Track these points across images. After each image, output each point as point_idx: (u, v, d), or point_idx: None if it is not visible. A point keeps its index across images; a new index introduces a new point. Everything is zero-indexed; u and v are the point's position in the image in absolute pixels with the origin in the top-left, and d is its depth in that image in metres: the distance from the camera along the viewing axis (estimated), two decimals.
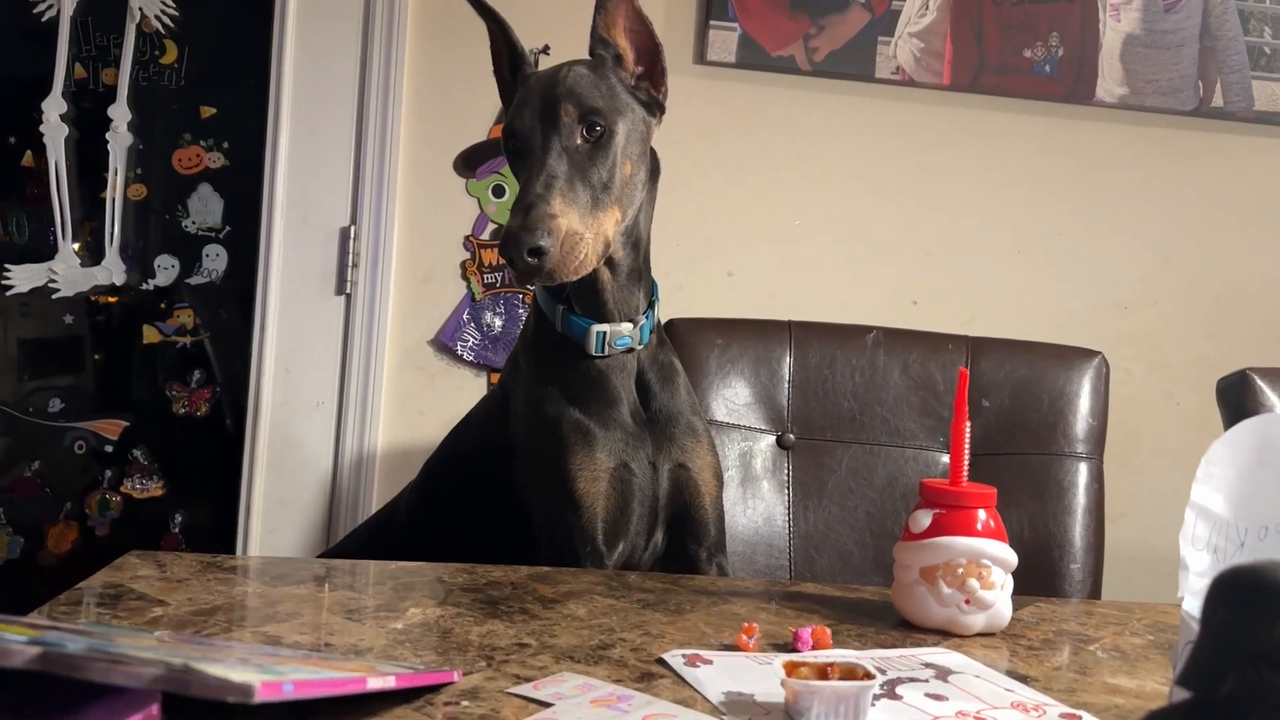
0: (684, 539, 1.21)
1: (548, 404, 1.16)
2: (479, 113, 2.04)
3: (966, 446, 0.97)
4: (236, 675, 0.41)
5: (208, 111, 2.15)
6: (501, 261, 2.04)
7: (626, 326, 1.18)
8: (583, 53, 1.18)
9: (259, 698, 0.40)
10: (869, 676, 0.69)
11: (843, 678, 0.69)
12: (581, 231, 1.05)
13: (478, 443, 1.29)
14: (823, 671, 0.70)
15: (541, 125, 1.08)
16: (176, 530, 2.14)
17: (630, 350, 1.19)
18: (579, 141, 1.08)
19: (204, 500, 2.14)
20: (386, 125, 2.00)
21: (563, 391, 1.17)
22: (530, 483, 1.18)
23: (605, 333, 1.17)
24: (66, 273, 2.11)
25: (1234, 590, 0.45)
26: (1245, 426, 0.73)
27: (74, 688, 0.45)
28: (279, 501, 2.03)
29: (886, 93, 2.12)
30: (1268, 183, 2.22)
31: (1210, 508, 0.72)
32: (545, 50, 2.00)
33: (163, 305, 2.13)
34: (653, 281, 1.23)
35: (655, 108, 1.18)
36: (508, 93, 1.21)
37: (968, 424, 0.97)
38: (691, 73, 2.05)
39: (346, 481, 2.02)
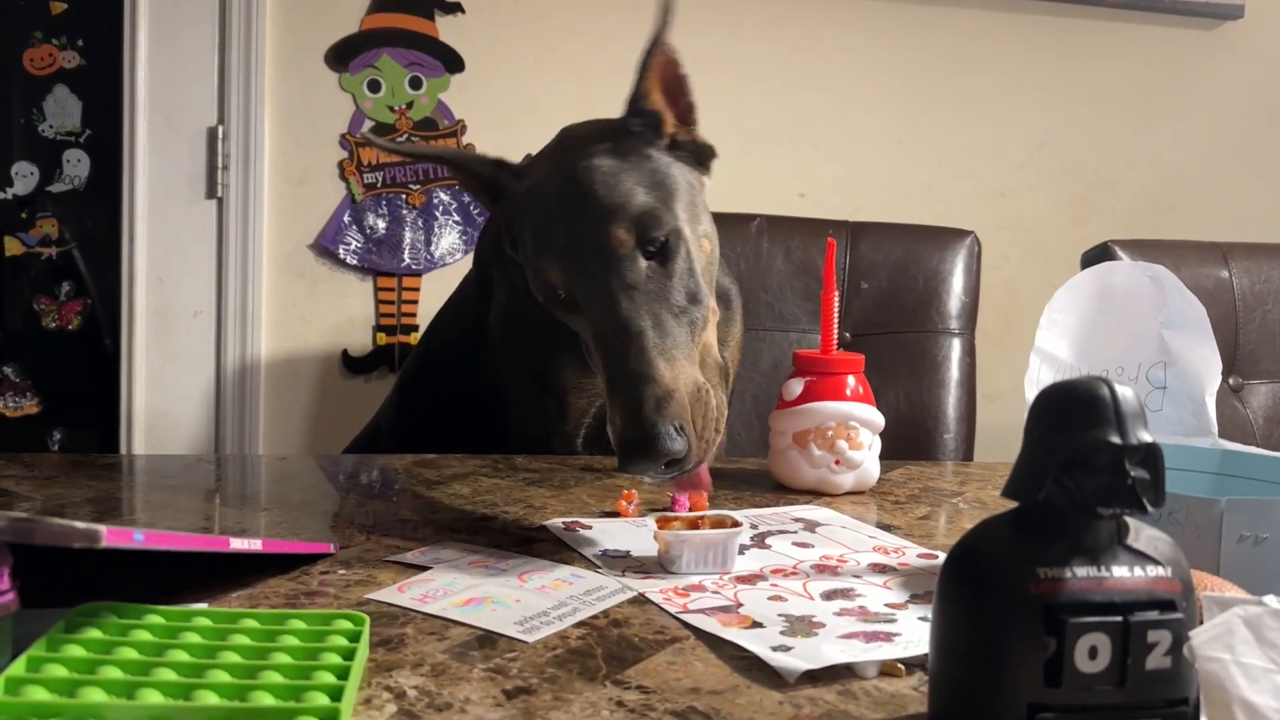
0: None
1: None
2: (348, 3, 1.96)
3: (836, 316, 0.99)
4: (84, 525, 0.41)
5: (59, 7, 2.01)
6: (383, 160, 1.99)
7: None
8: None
9: (106, 543, 0.40)
10: (737, 525, 0.72)
11: (712, 528, 0.72)
12: (699, 379, 0.79)
13: (454, 343, 1.22)
14: (694, 525, 0.72)
15: (591, 271, 0.81)
16: (55, 448, 2.07)
17: None
18: (644, 269, 0.82)
19: (83, 417, 2.07)
20: (251, 17, 1.91)
21: None
22: (511, 379, 1.12)
23: None
24: None
25: (1051, 404, 0.48)
26: (1086, 275, 0.76)
27: None
28: (161, 415, 1.98)
29: None
30: (1135, 68, 2.29)
31: (1054, 353, 0.76)
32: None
33: (23, 215, 2.03)
34: None
35: (703, 157, 0.94)
36: (497, 214, 0.96)
37: (836, 294, 0.99)
38: None
39: (230, 392, 1.98)
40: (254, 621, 0.55)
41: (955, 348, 1.56)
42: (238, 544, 0.56)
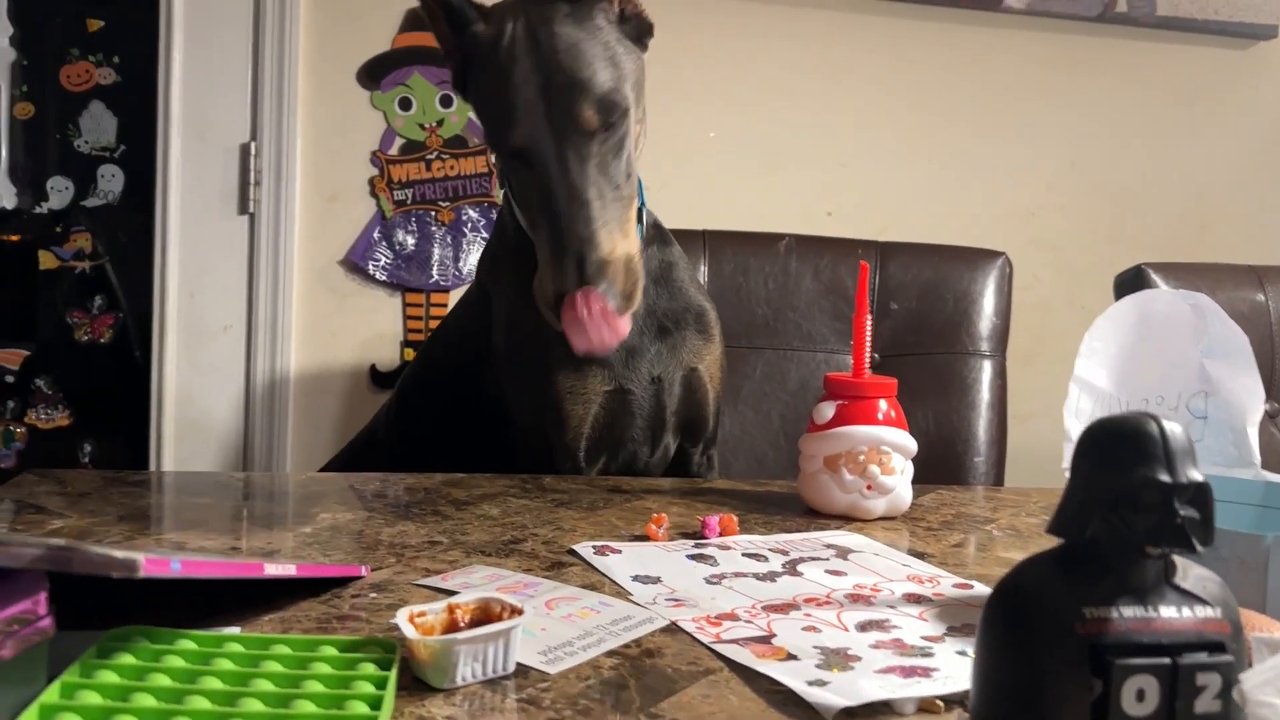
0: (681, 438, 1.16)
1: (539, 314, 1.03)
2: (382, 21, 1.98)
3: (868, 339, 0.99)
4: (122, 553, 0.41)
5: (95, 24, 2.04)
6: (414, 177, 2.00)
7: None
8: None
9: (144, 572, 0.40)
10: (517, 613, 0.57)
11: (475, 619, 0.58)
12: (629, 251, 0.92)
13: (455, 347, 1.22)
14: (451, 618, 0.57)
15: (550, 138, 0.91)
16: (86, 460, 2.09)
17: None
18: (598, 142, 0.92)
19: (113, 429, 2.09)
20: (284, 35, 1.93)
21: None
22: (510, 391, 1.12)
23: None
24: None
25: (1098, 441, 0.47)
26: (1126, 303, 0.75)
27: None
28: (191, 428, 2.00)
29: (799, 0, 2.10)
30: (1168, 87, 2.27)
31: (1093, 382, 0.75)
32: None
33: (58, 229, 2.05)
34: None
35: (644, 33, 1.00)
36: (452, 48, 1.01)
37: (868, 317, 0.99)
38: None
39: (260, 406, 1.99)
40: (286, 647, 0.55)
41: (986, 370, 1.55)
42: (272, 569, 0.56)
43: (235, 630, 0.59)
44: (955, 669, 0.57)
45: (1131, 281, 1.50)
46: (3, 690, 0.45)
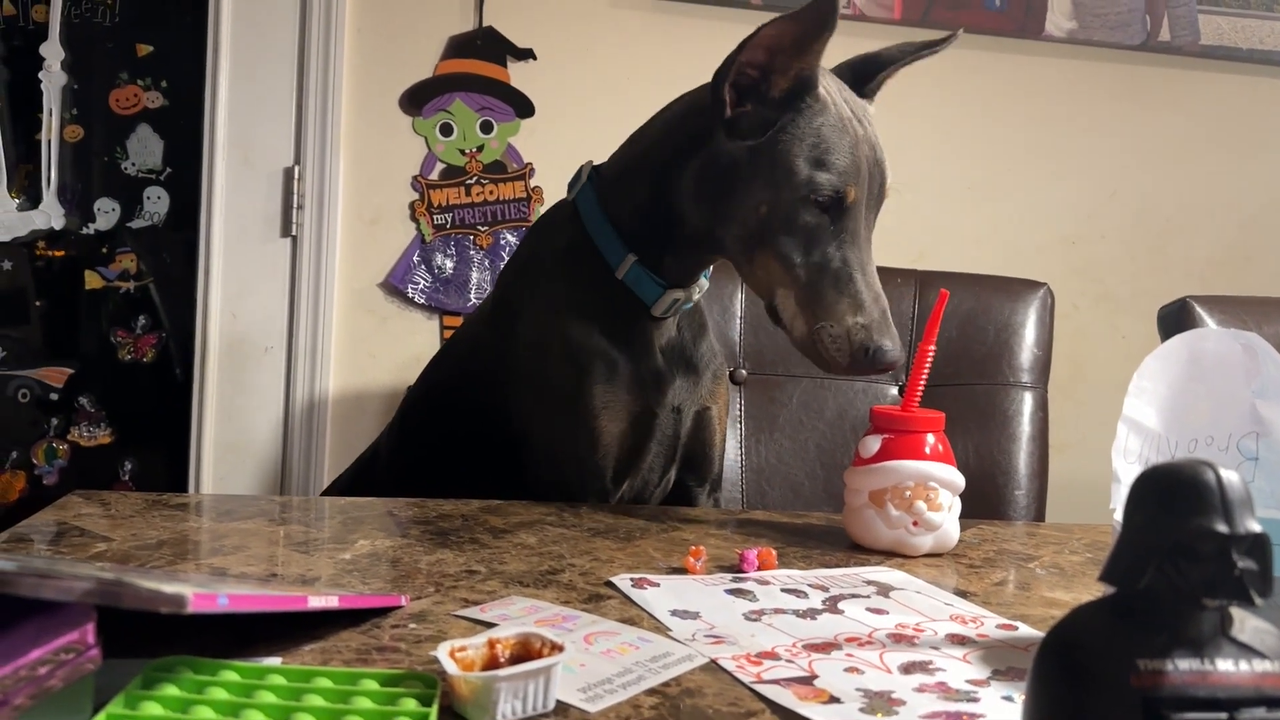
0: (685, 474, 1.18)
1: (576, 331, 1.07)
2: (425, 48, 2.00)
3: (926, 370, 0.98)
4: (170, 588, 0.41)
5: (144, 49, 2.08)
6: (453, 201, 2.01)
7: (695, 290, 1.11)
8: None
9: (192, 608, 0.40)
10: (557, 649, 0.57)
11: (515, 653, 0.57)
12: None
13: (465, 365, 1.20)
14: (491, 652, 0.57)
15: (868, 207, 1.04)
16: (127, 478, 2.11)
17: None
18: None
19: (154, 447, 2.12)
20: (329, 62, 1.96)
21: (596, 322, 1.08)
22: (536, 410, 1.10)
23: (678, 299, 1.09)
24: (3, 217, 2.05)
25: (1153, 488, 0.46)
26: (1176, 342, 0.74)
27: (5, 610, 0.44)
28: (230, 448, 2.01)
29: (838, 27, 2.10)
30: (1211, 116, 2.24)
31: (1142, 421, 0.74)
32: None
33: (104, 250, 2.09)
34: None
35: None
36: (751, 103, 1.04)
37: (932, 348, 0.98)
38: (643, 6, 2.02)
39: (299, 426, 2.00)
40: (328, 680, 0.55)
41: (1027, 401, 1.53)
42: (315, 601, 0.56)
43: (277, 661, 0.59)
44: (1001, 715, 0.56)
45: (1176, 314, 1.48)
46: None
